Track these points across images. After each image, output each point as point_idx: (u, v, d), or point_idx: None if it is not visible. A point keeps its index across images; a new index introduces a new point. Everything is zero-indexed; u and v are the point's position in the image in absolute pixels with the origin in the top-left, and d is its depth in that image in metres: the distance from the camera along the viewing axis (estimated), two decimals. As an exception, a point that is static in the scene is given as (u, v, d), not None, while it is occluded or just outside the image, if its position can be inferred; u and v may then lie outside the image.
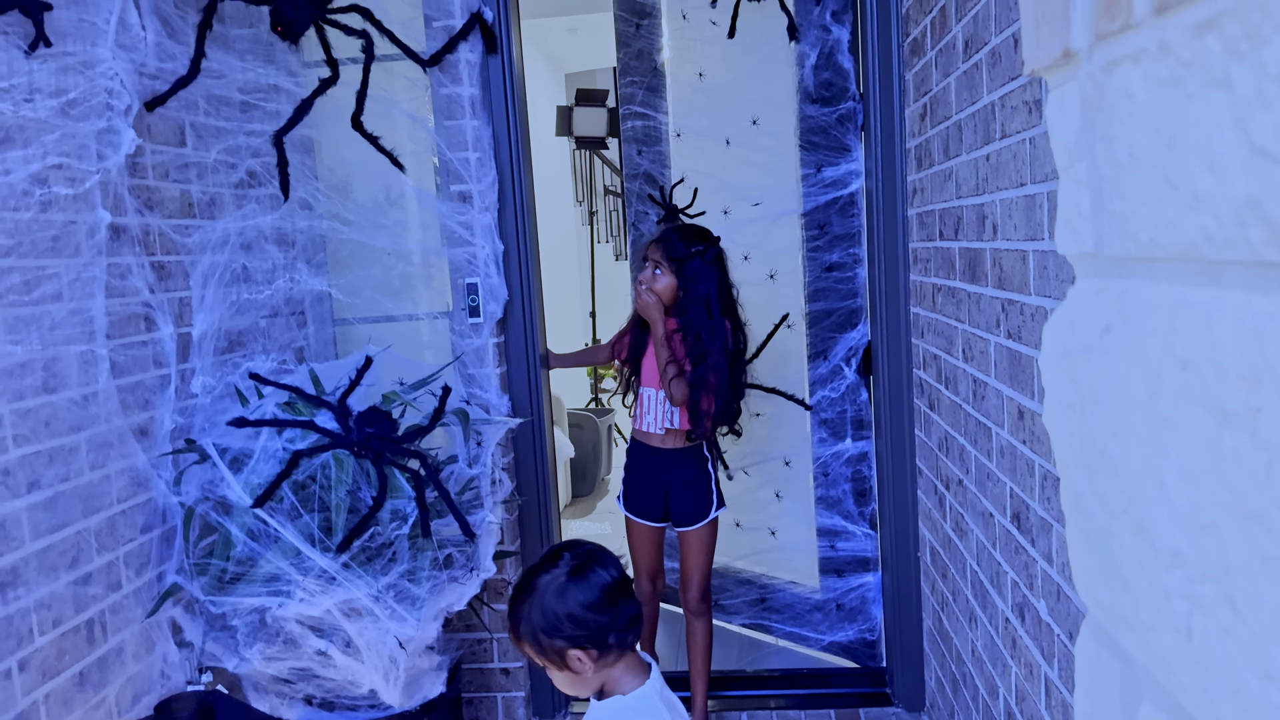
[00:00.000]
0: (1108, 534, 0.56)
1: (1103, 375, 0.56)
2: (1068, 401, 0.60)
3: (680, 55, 3.00)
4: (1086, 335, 0.59)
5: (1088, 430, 0.58)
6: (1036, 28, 0.61)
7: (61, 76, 1.72)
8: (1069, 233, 0.62)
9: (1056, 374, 0.63)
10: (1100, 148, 0.55)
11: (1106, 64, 0.53)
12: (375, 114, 2.31)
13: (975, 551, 1.92)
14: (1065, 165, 0.61)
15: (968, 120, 1.79)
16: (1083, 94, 0.56)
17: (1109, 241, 0.56)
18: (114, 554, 1.82)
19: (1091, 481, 0.58)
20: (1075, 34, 0.55)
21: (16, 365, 1.59)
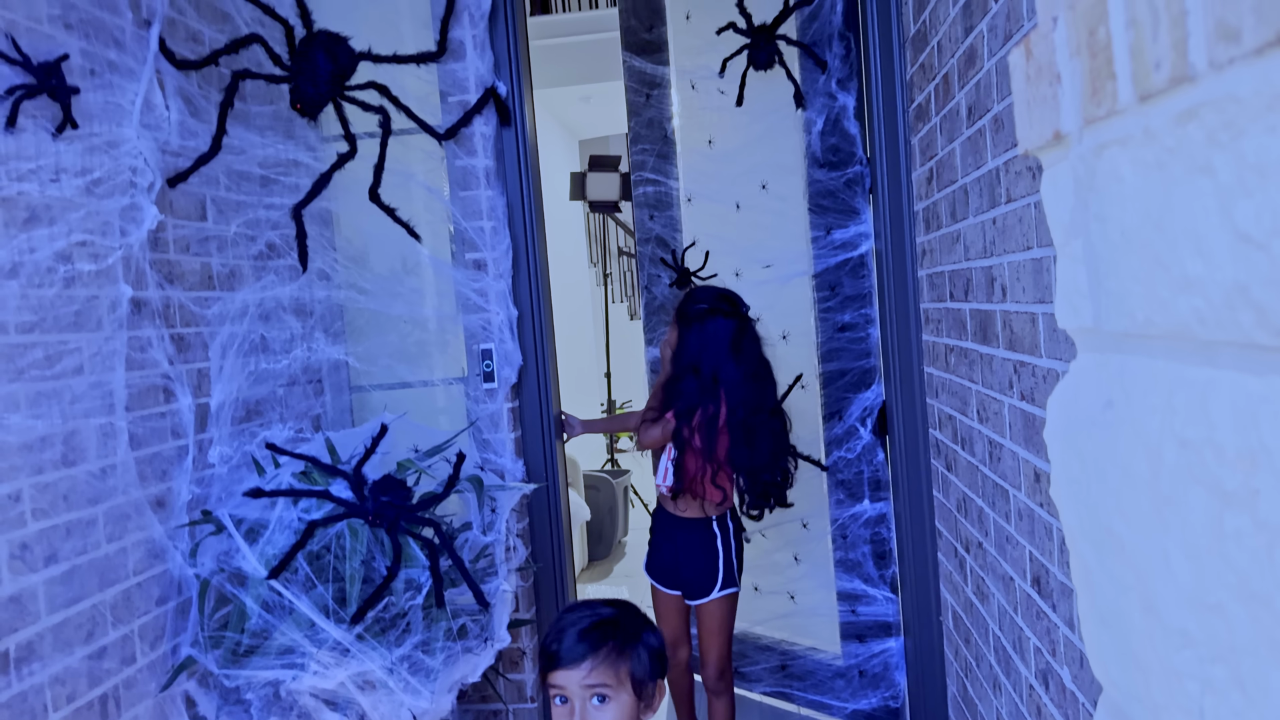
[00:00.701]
0: (1118, 611, 0.56)
1: (1106, 450, 0.56)
2: (1073, 475, 0.61)
3: (690, 123, 3.06)
4: (1089, 409, 0.60)
5: (1093, 505, 0.58)
6: (1029, 110, 0.62)
7: (87, 156, 1.77)
8: (1068, 308, 0.62)
9: (1062, 447, 0.63)
10: (1094, 226, 0.56)
11: (1096, 147, 0.54)
12: (392, 186, 2.36)
13: (997, 616, 1.89)
14: (1062, 242, 0.62)
15: (973, 184, 1.81)
16: (1075, 174, 0.58)
17: (1107, 318, 0.57)
18: (129, 627, 1.82)
19: (1100, 557, 0.58)
20: (1065, 117, 0.57)
21: (37, 439, 1.61)
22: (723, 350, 2.39)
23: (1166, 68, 0.43)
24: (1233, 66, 0.39)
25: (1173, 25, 0.42)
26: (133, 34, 1.92)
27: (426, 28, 2.48)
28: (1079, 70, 0.53)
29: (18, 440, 1.57)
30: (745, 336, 2.42)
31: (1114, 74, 0.49)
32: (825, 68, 2.59)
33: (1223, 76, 0.40)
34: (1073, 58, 0.53)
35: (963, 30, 1.77)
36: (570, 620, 1.40)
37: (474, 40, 2.43)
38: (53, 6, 1.71)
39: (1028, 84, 0.61)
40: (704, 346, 2.39)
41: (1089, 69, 0.52)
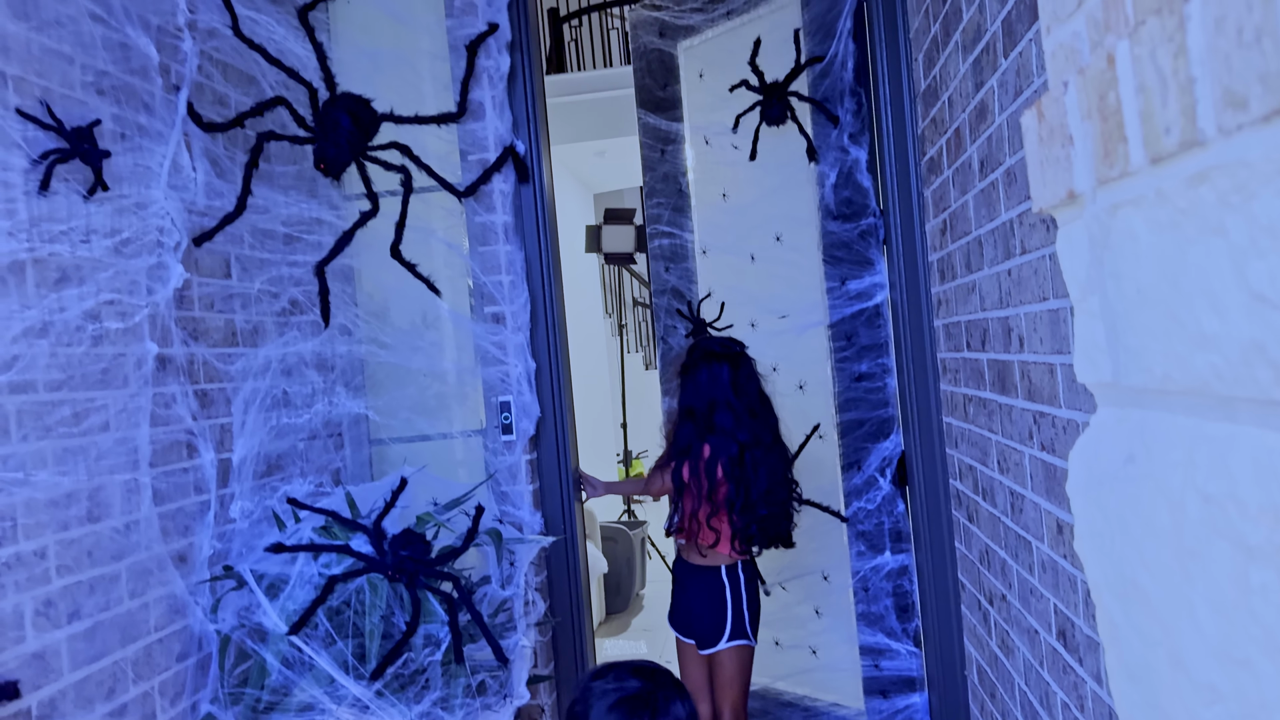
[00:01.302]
0: (1146, 665, 0.56)
1: (1129, 504, 0.57)
2: (1096, 529, 0.61)
3: (704, 177, 3.10)
4: (1111, 464, 0.60)
5: (1118, 559, 0.58)
6: (1042, 170, 0.64)
7: (116, 217, 1.81)
8: (1087, 363, 0.63)
9: (1084, 501, 0.63)
10: (1110, 283, 0.57)
11: (1110, 206, 0.55)
12: (413, 242, 2.39)
13: (1023, 670, 1.87)
14: (1079, 298, 0.63)
15: (987, 236, 1.82)
16: (1089, 232, 0.59)
17: (1125, 373, 0.57)
18: (150, 683, 1.82)
19: (1125, 611, 0.58)
20: (1078, 178, 0.58)
21: (63, 496, 1.63)
22: (717, 391, 2.49)
23: (1176, 132, 0.44)
24: (1241, 132, 0.40)
25: (1181, 92, 0.43)
26: (162, 99, 1.98)
27: (447, 89, 2.54)
28: (1091, 133, 0.54)
29: (45, 497, 1.59)
30: (739, 374, 2.51)
31: (1125, 137, 0.50)
32: (837, 122, 2.63)
33: (1232, 142, 0.41)
34: (1084, 121, 0.55)
35: (973, 86, 1.80)
36: (598, 691, 1.37)
37: (493, 101, 2.48)
38: (87, 74, 1.77)
39: (1040, 145, 0.63)
40: (698, 390, 2.50)
41: (1100, 132, 0.53)
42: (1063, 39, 0.60)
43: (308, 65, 2.28)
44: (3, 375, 1.51)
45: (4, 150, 1.55)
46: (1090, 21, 0.55)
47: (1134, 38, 0.47)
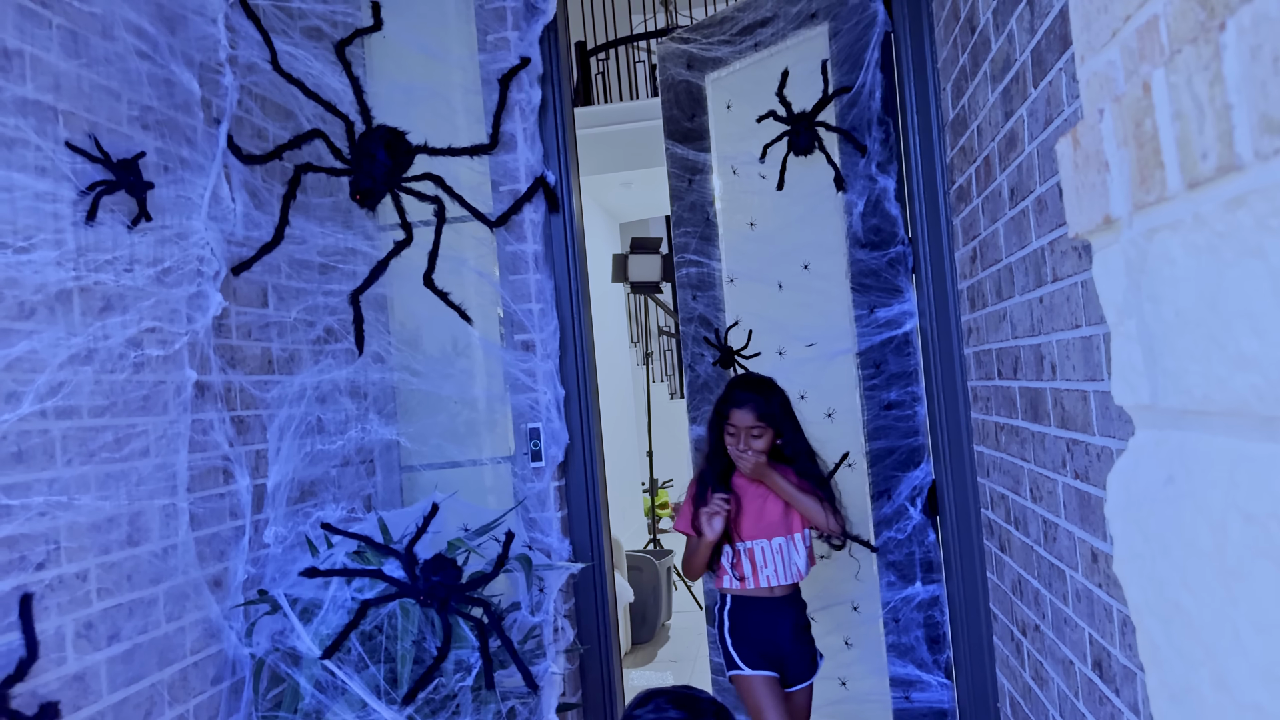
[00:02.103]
0: (1188, 687, 0.56)
1: (1170, 526, 0.57)
2: (1136, 551, 0.61)
3: (731, 206, 3.13)
4: (1150, 485, 0.61)
5: (1159, 580, 0.58)
6: (1078, 196, 0.65)
7: (159, 247, 1.85)
8: (1125, 386, 0.64)
9: (1124, 524, 0.64)
10: (1148, 307, 0.58)
11: (1146, 231, 0.56)
12: (445, 271, 2.43)
13: (1057, 701, 1.84)
14: (1116, 321, 0.64)
15: (1018, 264, 1.82)
16: (1126, 257, 0.60)
17: (1164, 395, 0.58)
18: (185, 707, 1.84)
19: (1167, 633, 0.58)
20: (1115, 203, 0.59)
21: (104, 520, 1.66)
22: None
23: (1214, 158, 0.45)
24: (1278, 157, 0.41)
25: (1218, 118, 0.45)
26: (203, 132, 2.03)
27: (479, 122, 2.59)
28: (1127, 159, 0.56)
29: (87, 520, 1.62)
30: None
31: (1162, 163, 0.51)
32: (865, 151, 2.65)
33: (1269, 166, 0.42)
34: (1120, 147, 0.56)
35: (1003, 115, 1.81)
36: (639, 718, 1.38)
37: (524, 133, 2.53)
38: (132, 109, 1.82)
39: (1076, 171, 0.64)
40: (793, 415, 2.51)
41: (1137, 158, 0.54)
42: (1097, 68, 0.61)
43: (344, 99, 2.33)
44: (49, 401, 1.55)
45: (54, 182, 1.59)
46: (1125, 51, 0.56)
47: (1170, 66, 0.48)
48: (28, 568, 1.49)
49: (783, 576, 2.47)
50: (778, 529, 2.48)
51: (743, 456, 2.43)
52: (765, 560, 2.47)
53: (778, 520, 2.48)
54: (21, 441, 1.49)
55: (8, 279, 1.48)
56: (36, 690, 1.48)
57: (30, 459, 1.51)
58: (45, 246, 1.56)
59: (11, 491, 1.46)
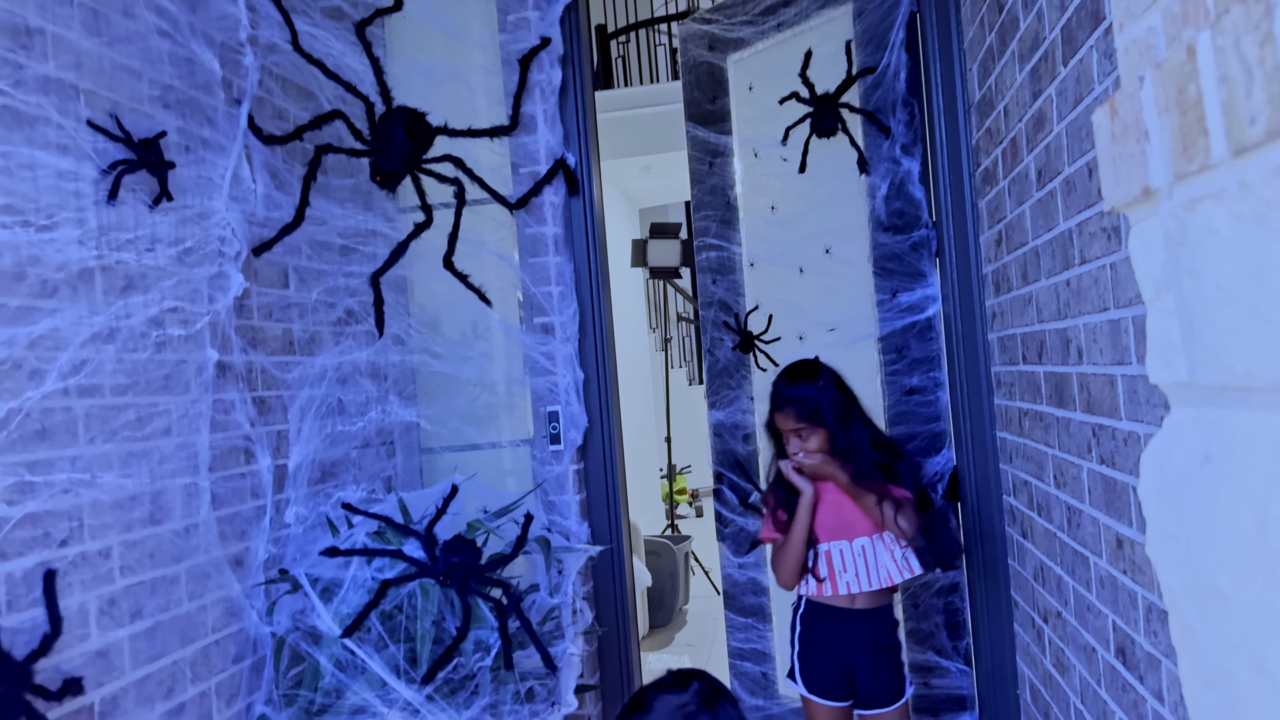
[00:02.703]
0: (1224, 671, 0.54)
1: (1206, 506, 0.56)
2: (1171, 532, 0.60)
3: (752, 190, 3.10)
4: (1186, 465, 0.59)
5: (1194, 562, 0.57)
6: (1114, 168, 0.63)
7: (180, 227, 1.86)
8: (1161, 363, 0.62)
9: (1157, 505, 0.62)
10: (1187, 281, 0.57)
11: (1188, 202, 0.54)
12: (465, 254, 2.42)
13: (1079, 689, 1.82)
14: (1152, 297, 0.62)
15: (1045, 246, 1.80)
16: (1165, 230, 0.58)
17: (1202, 371, 0.56)
18: (206, 684, 1.85)
19: (1203, 616, 0.56)
20: (1154, 174, 0.57)
21: (127, 498, 1.67)
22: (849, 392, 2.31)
23: (1262, 122, 0.44)
24: (1332, 120, 0.39)
25: (1267, 80, 0.43)
26: (224, 112, 2.03)
27: (499, 103, 2.57)
28: (1168, 127, 0.54)
29: (110, 498, 1.63)
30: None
31: (1206, 130, 0.50)
32: (889, 134, 2.62)
33: (1321, 130, 0.40)
34: (1161, 115, 0.54)
35: (1030, 95, 1.78)
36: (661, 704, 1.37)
37: (544, 114, 2.51)
38: (154, 88, 1.82)
39: (1113, 142, 0.62)
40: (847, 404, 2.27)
41: (1179, 125, 0.52)
42: (1137, 35, 0.59)
43: (364, 80, 2.32)
44: (72, 379, 1.56)
45: (76, 160, 1.60)
46: (1167, 16, 0.55)
47: (1216, 28, 0.46)
48: (51, 544, 1.50)
49: (867, 581, 2.17)
50: (859, 528, 2.20)
51: (794, 458, 2.21)
52: (845, 564, 2.20)
53: (859, 517, 2.20)
54: (45, 419, 1.50)
55: (30, 257, 1.49)
56: (60, 666, 1.50)
57: (53, 436, 1.51)
58: (67, 225, 1.56)
59: (35, 468, 1.47)
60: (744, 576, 3.18)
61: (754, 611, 3.25)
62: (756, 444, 3.15)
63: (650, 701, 1.38)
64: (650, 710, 1.36)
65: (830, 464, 2.20)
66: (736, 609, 3.26)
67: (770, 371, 3.05)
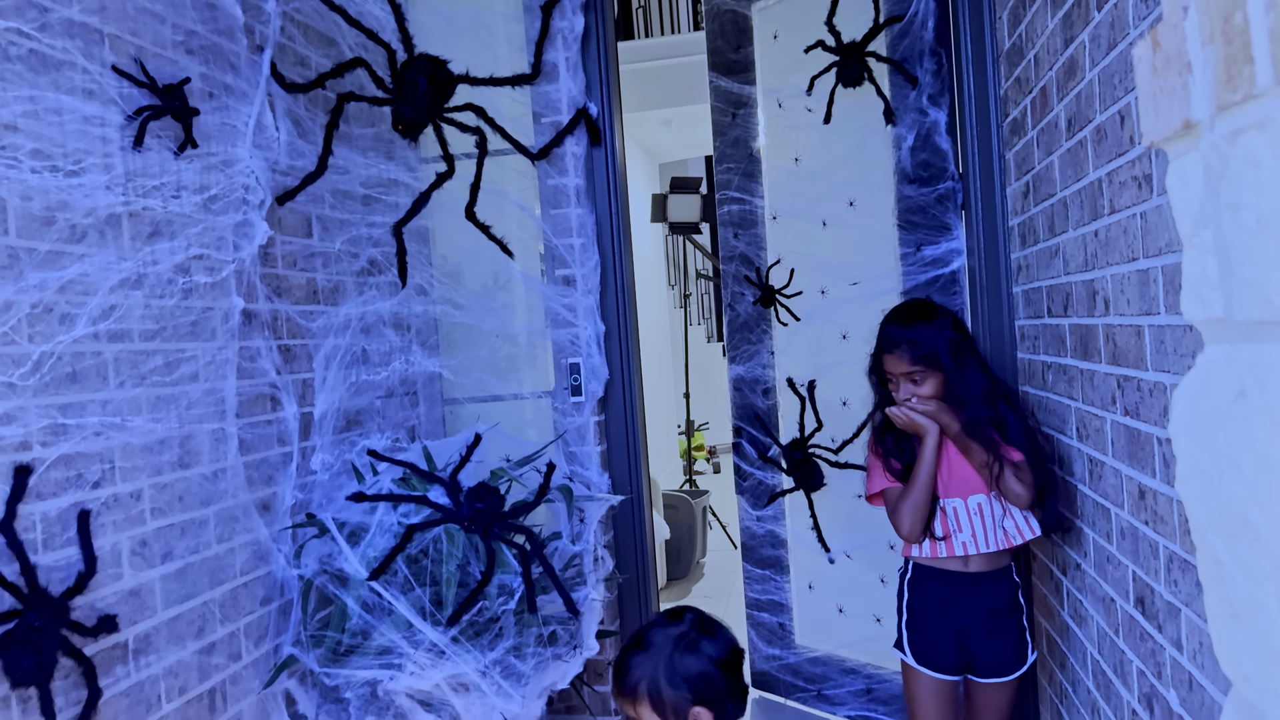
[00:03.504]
0: (1253, 603, 0.55)
1: (1239, 441, 0.56)
2: (1202, 468, 0.60)
3: (776, 141, 3.07)
4: (1219, 401, 0.59)
5: (1225, 497, 0.57)
6: (1154, 101, 0.62)
7: (205, 174, 1.86)
8: (1196, 300, 0.62)
9: (1189, 441, 0.62)
10: (1226, 215, 0.56)
11: (1230, 133, 0.54)
12: (487, 204, 2.42)
13: (1096, 639, 1.84)
14: (1189, 233, 0.62)
15: (1073, 197, 1.78)
16: (1205, 163, 0.57)
17: (1239, 307, 0.56)
18: (235, 625, 1.89)
19: (1232, 549, 0.57)
20: (1195, 105, 0.56)
21: (156, 442, 1.70)
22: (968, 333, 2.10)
23: (1312, 46, 0.43)
24: (1386, 40, 0.39)
25: (1319, 3, 0.42)
26: (247, 59, 2.03)
27: (521, 51, 2.55)
28: (1212, 57, 0.53)
29: (140, 442, 1.65)
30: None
31: (1251, 58, 0.49)
32: (916, 83, 2.58)
33: (1374, 51, 0.40)
34: (1205, 45, 0.54)
35: (1062, 42, 1.75)
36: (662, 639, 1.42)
37: (567, 62, 2.49)
38: (177, 34, 1.82)
39: (1154, 75, 0.62)
40: (966, 347, 2.04)
41: (1223, 55, 0.52)
42: (1182, -37, 0.58)
43: (386, 27, 2.31)
44: (101, 324, 1.58)
45: (102, 106, 1.60)
46: (1215, -58, 0.53)
47: (1267, -50, 0.45)
48: (84, 486, 1.53)
49: (985, 542, 1.98)
50: (974, 483, 2.01)
51: (903, 409, 2.00)
52: (960, 523, 2.02)
53: (973, 472, 2.01)
54: (75, 363, 1.52)
55: (59, 201, 1.50)
56: (95, 603, 1.53)
57: (84, 380, 1.54)
58: (95, 170, 1.57)
59: (68, 411, 1.50)
60: (762, 529, 3.20)
61: (772, 564, 3.28)
62: (776, 398, 3.16)
63: (649, 637, 1.41)
64: (650, 644, 1.40)
65: (946, 411, 1.99)
66: (754, 561, 3.29)
67: (792, 326, 3.05)
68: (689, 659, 1.36)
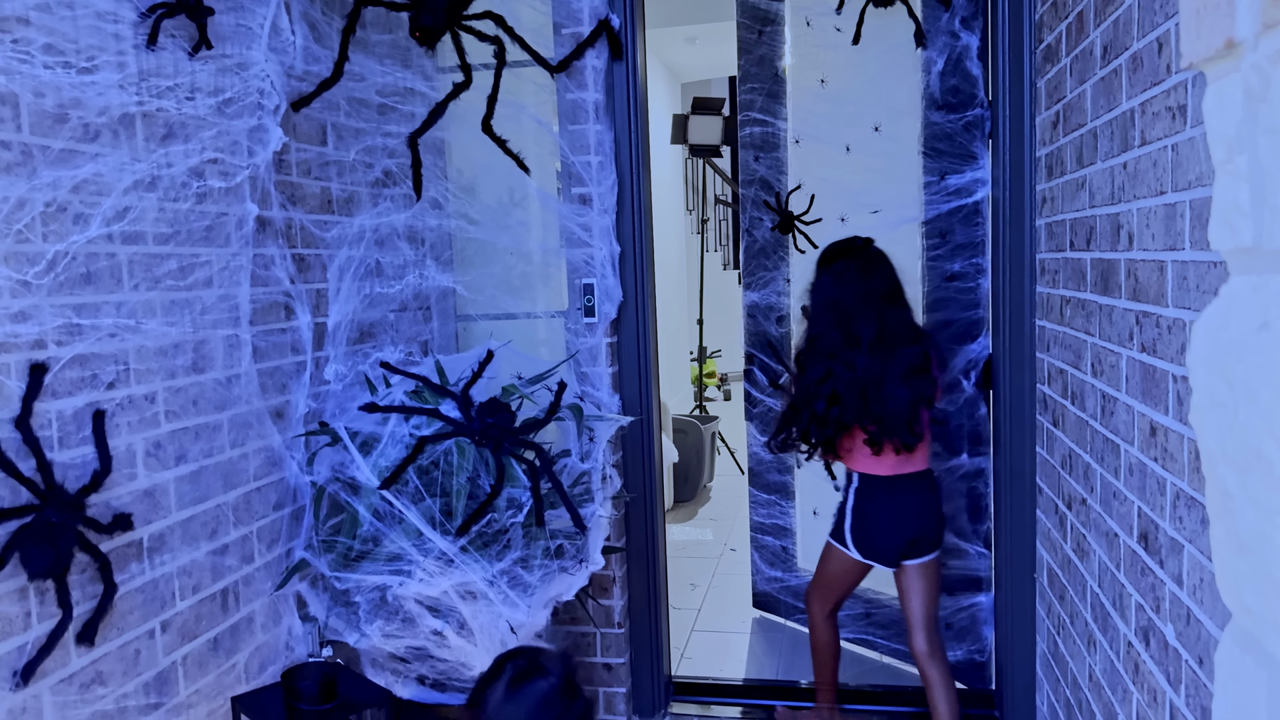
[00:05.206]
0: (1259, 535, 0.55)
1: (1259, 372, 0.55)
2: (1219, 399, 0.59)
3: (802, 61, 3.00)
4: (1241, 332, 0.58)
5: (1240, 428, 0.56)
6: (1197, 19, 0.60)
7: (219, 77, 1.83)
8: (1225, 228, 0.60)
9: (1207, 371, 0.61)
10: (1263, 140, 0.54)
11: (1273, 54, 0.52)
12: (504, 118, 2.38)
13: (1097, 573, 1.86)
14: (1223, 159, 0.60)
15: (1103, 128, 1.73)
16: (1246, 85, 0.55)
17: (1270, 236, 0.55)
18: (248, 528, 1.93)
19: (1243, 482, 0.56)
20: (1240, 23, 0.54)
21: (170, 345, 1.71)
22: (834, 291, 2.30)
23: (1371, -44, 0.41)
24: None
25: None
26: (263, -41, 1.97)
27: (543, -42, 2.48)
28: (1263, -31, 0.50)
29: (154, 345, 1.66)
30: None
31: (1305, -30, 0.46)
32: (949, 5, 2.50)
33: None
34: (1256, -44, 0.51)
35: (1103, -37, 1.69)
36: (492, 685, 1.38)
37: (589, -31, 2.42)
38: (191, -71, 1.77)
39: (1199, -10, 0.59)
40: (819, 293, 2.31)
41: (1275, -33, 0.49)
42: None
43: (405, -71, 2.24)
44: (115, 225, 1.57)
45: (115, 1, 1.57)
46: None
47: None
48: (99, 386, 1.54)
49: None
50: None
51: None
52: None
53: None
54: (90, 263, 1.52)
55: (72, 99, 1.48)
56: (110, 502, 1.56)
57: (99, 281, 1.54)
58: (108, 69, 1.55)
59: (82, 311, 1.50)
60: (770, 455, 3.23)
61: (778, 489, 3.31)
62: (789, 326, 3.15)
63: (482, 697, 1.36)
64: (484, 705, 1.35)
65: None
66: (761, 486, 3.32)
67: (810, 254, 3.02)
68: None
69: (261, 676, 1.96)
